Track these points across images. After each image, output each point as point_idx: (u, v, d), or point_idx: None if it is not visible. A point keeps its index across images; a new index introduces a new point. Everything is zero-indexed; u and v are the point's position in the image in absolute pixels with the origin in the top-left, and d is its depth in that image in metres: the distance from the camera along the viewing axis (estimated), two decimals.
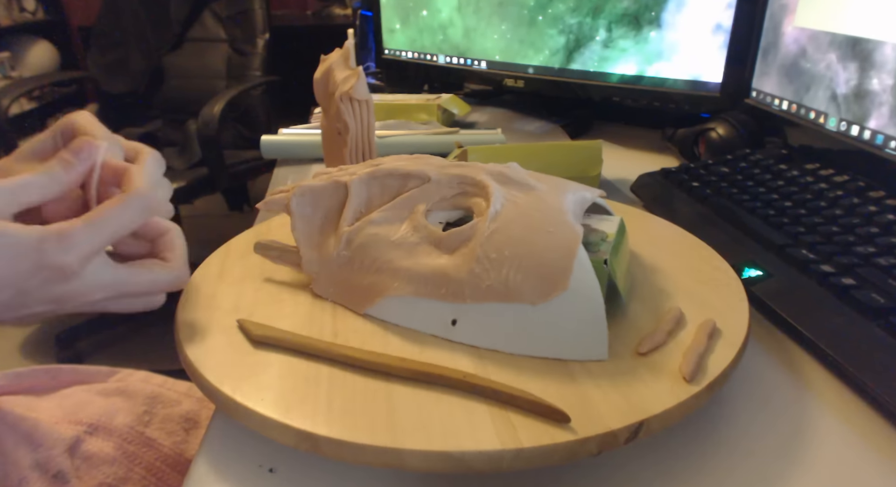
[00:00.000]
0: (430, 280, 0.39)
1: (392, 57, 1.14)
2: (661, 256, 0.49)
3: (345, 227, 0.43)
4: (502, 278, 0.37)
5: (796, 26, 0.68)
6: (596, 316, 0.37)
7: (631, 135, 0.96)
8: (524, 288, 0.37)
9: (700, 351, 0.36)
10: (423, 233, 0.41)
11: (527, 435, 0.31)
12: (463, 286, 0.38)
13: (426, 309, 0.39)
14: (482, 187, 0.42)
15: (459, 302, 0.38)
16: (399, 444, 0.31)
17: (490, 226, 0.39)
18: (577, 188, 0.44)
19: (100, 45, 2.17)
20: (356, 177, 0.44)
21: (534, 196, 0.42)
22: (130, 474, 0.51)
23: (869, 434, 0.37)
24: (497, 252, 0.38)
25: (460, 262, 0.39)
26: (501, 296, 0.37)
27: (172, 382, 0.60)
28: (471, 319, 0.38)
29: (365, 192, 0.44)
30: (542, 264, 0.37)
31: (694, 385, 0.34)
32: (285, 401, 0.34)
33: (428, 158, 0.47)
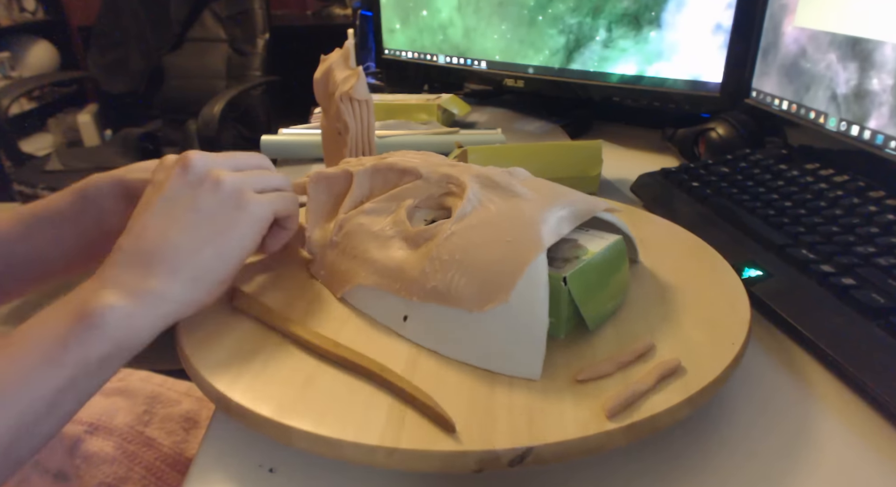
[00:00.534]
0: (390, 273, 0.40)
1: (392, 57, 1.14)
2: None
3: (341, 214, 0.45)
4: (447, 281, 0.37)
5: (796, 26, 0.68)
6: (534, 334, 0.35)
7: (631, 135, 0.96)
8: (464, 294, 0.36)
9: (638, 390, 0.33)
10: (399, 227, 0.42)
11: (409, 437, 0.31)
12: (413, 284, 0.38)
13: (385, 301, 0.40)
14: (463, 188, 0.42)
15: (408, 298, 0.39)
16: (289, 421, 0.32)
17: (451, 228, 0.39)
18: (574, 200, 0.42)
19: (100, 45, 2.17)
20: (362, 168, 0.46)
21: (511, 204, 0.40)
22: (130, 473, 0.51)
23: (869, 435, 0.37)
24: (449, 254, 0.38)
25: (416, 260, 0.39)
26: (442, 299, 0.37)
27: (172, 382, 0.60)
28: (418, 318, 0.39)
29: (367, 183, 0.46)
30: (487, 272, 0.36)
31: (613, 422, 0.32)
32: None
33: (431, 156, 0.48)
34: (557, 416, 0.32)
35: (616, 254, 0.42)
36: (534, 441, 0.31)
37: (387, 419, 0.32)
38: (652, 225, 0.55)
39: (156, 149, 1.96)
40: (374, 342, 0.39)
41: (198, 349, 0.38)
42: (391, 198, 0.45)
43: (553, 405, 0.33)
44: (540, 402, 0.33)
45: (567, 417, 0.32)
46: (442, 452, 0.30)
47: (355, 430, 0.31)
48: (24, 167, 1.86)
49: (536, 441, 0.31)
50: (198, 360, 0.37)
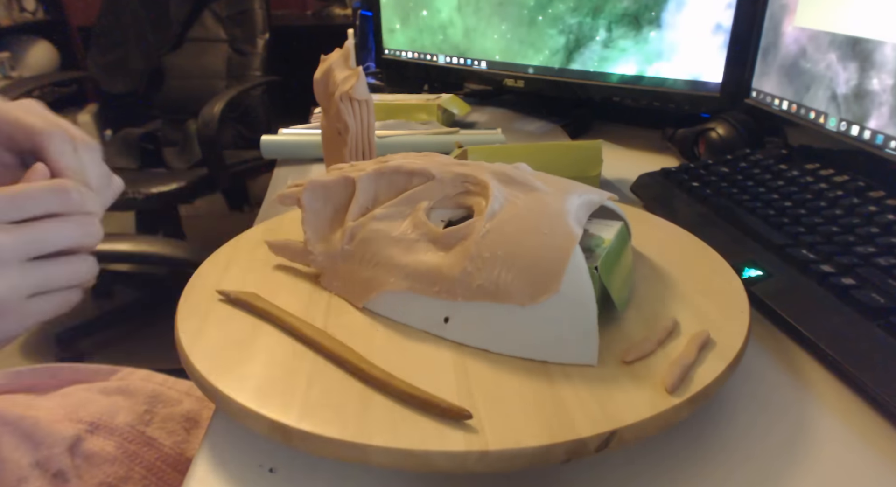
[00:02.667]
0: (425, 277, 0.39)
1: (392, 57, 1.14)
2: (662, 257, 0.49)
3: (349, 222, 0.44)
4: (493, 278, 0.37)
5: (796, 26, 0.68)
6: (587, 321, 0.36)
7: (631, 135, 0.96)
8: (514, 289, 0.37)
9: (687, 363, 0.35)
10: (422, 230, 0.42)
11: (494, 438, 0.31)
12: (455, 284, 0.38)
13: (420, 305, 0.40)
14: (483, 186, 0.42)
15: (451, 299, 0.38)
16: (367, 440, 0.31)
17: (486, 226, 0.39)
18: (584, 190, 0.44)
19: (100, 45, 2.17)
20: (364, 173, 0.45)
21: (535, 197, 0.42)
22: (131, 473, 0.51)
23: (869, 434, 0.37)
24: (490, 251, 0.38)
25: (454, 261, 0.39)
26: (491, 296, 0.37)
27: (173, 381, 0.60)
28: (462, 317, 0.38)
29: (372, 188, 0.45)
30: (534, 266, 0.37)
31: (675, 397, 0.33)
32: (265, 392, 0.34)
33: (435, 156, 0.48)
34: (625, 398, 0.34)
35: (624, 239, 0.44)
36: (614, 425, 0.32)
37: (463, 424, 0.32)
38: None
39: (156, 148, 1.96)
40: (411, 349, 0.38)
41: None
42: (404, 201, 0.44)
43: (616, 389, 0.34)
44: (602, 388, 0.34)
45: (634, 398, 0.34)
46: (532, 448, 0.30)
47: (437, 439, 0.31)
48: None
49: (617, 424, 0.32)
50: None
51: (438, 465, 0.30)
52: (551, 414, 0.32)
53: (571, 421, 0.32)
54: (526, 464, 0.31)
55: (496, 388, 0.34)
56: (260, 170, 1.95)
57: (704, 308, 0.42)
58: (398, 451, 0.30)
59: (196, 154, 1.88)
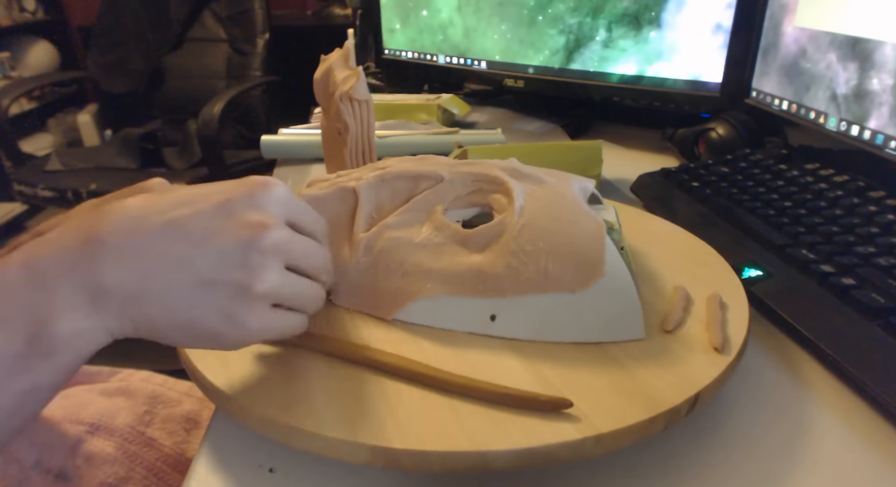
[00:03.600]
0: (466, 278, 0.39)
1: (392, 57, 1.14)
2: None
3: (360, 234, 0.42)
4: (541, 269, 0.38)
5: (796, 26, 0.68)
6: (630, 298, 0.39)
7: (631, 135, 0.96)
8: (564, 278, 0.38)
9: (721, 323, 0.39)
10: (447, 232, 0.41)
11: (602, 422, 0.32)
12: (501, 280, 0.39)
13: (463, 307, 0.39)
14: (500, 183, 0.43)
15: (499, 296, 0.39)
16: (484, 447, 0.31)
17: (519, 220, 0.40)
18: (576, 179, 0.46)
19: (100, 45, 2.17)
20: (364, 181, 0.43)
21: (548, 189, 0.43)
22: (131, 474, 0.51)
23: (869, 434, 0.37)
24: (532, 244, 0.39)
25: (495, 258, 0.39)
26: (541, 287, 0.38)
27: (173, 382, 0.60)
28: (511, 312, 0.39)
29: (374, 197, 0.43)
30: (577, 253, 0.39)
31: (726, 354, 0.37)
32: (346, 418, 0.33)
33: (435, 158, 0.47)
34: (688, 364, 0.36)
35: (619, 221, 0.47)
36: (695, 388, 0.34)
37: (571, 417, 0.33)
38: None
39: (156, 148, 1.96)
40: (466, 353, 0.38)
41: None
42: (416, 206, 0.43)
43: (676, 356, 0.37)
44: (664, 358, 0.37)
45: (695, 362, 0.36)
46: (638, 423, 0.32)
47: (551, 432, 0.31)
48: (24, 167, 1.86)
49: (697, 387, 0.34)
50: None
51: (560, 456, 0.31)
52: (637, 391, 0.34)
53: (660, 394, 0.34)
54: (634, 440, 0.32)
55: (573, 376, 0.35)
56: (260, 171, 1.94)
57: (703, 276, 0.46)
58: (520, 452, 0.31)
59: (196, 154, 1.88)
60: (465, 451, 0.30)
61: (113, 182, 1.75)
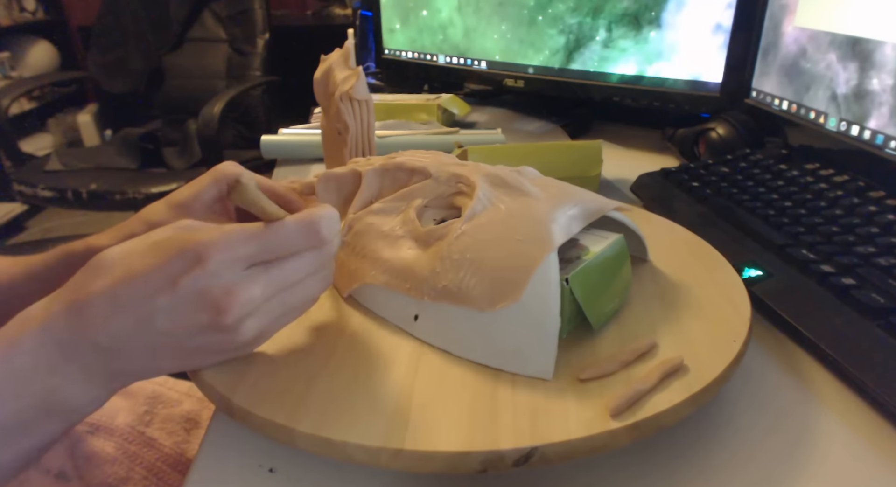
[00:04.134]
0: (400, 273, 0.40)
1: (392, 57, 1.14)
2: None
3: (350, 214, 0.45)
4: (458, 280, 0.37)
5: (796, 26, 0.68)
6: (545, 333, 0.35)
7: (631, 135, 0.96)
8: (475, 293, 0.36)
9: (641, 388, 0.33)
10: (408, 226, 0.42)
11: (413, 438, 0.31)
12: (423, 283, 0.39)
13: (395, 301, 0.40)
14: (473, 188, 0.42)
15: (419, 298, 0.39)
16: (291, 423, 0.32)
17: (461, 228, 0.39)
18: (584, 199, 0.42)
19: (100, 45, 2.17)
20: (370, 167, 0.46)
21: (522, 202, 0.40)
22: (131, 474, 0.51)
23: (869, 435, 0.37)
24: (460, 253, 0.38)
25: (427, 260, 0.39)
26: (454, 298, 0.37)
27: (173, 382, 0.60)
28: (429, 317, 0.39)
29: (377, 183, 0.46)
30: (499, 271, 0.36)
31: (617, 421, 0.32)
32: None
33: (440, 155, 0.48)
34: (561, 415, 0.32)
35: (617, 253, 0.42)
36: (538, 441, 0.31)
37: (390, 420, 0.32)
38: (652, 224, 0.55)
39: (156, 148, 1.96)
40: (380, 340, 0.39)
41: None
42: (400, 197, 0.45)
43: (556, 404, 0.33)
44: (543, 401, 0.33)
45: (571, 416, 0.32)
46: (446, 452, 0.30)
47: (358, 432, 0.31)
48: (24, 167, 1.86)
49: (541, 441, 0.31)
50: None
51: (353, 457, 0.31)
52: (479, 422, 0.32)
53: (496, 432, 0.31)
54: (440, 469, 0.31)
55: (438, 386, 0.35)
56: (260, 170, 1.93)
57: (694, 331, 0.39)
58: (319, 438, 0.31)
59: (196, 154, 1.88)
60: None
61: (113, 182, 1.75)
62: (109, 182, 1.75)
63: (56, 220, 2.61)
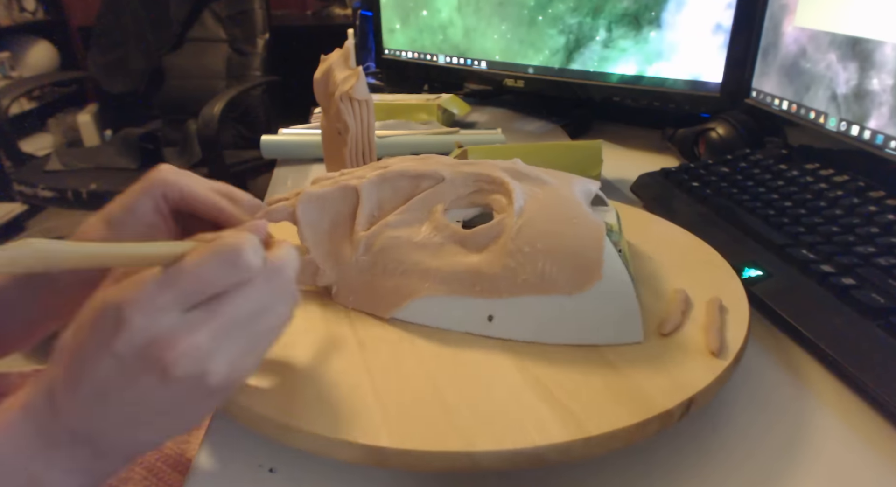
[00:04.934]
0: (464, 278, 0.39)
1: (392, 57, 1.14)
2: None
3: (360, 232, 0.42)
4: (538, 271, 0.38)
5: (796, 26, 0.68)
6: (628, 301, 0.38)
7: (631, 135, 0.96)
8: (560, 280, 0.38)
9: (719, 327, 0.39)
10: (446, 232, 0.41)
11: (593, 424, 0.32)
12: (498, 281, 0.39)
13: (460, 307, 0.40)
14: (500, 184, 0.43)
15: (495, 297, 0.39)
16: (469, 447, 0.31)
17: (517, 222, 0.39)
18: (580, 181, 0.46)
19: (100, 45, 2.17)
20: (366, 180, 0.43)
21: (549, 190, 0.43)
22: (131, 473, 0.51)
23: (869, 434, 0.37)
24: (529, 245, 0.39)
25: (493, 258, 0.39)
26: (537, 289, 0.38)
27: None
28: (507, 313, 0.39)
29: (376, 195, 0.43)
30: (575, 255, 0.38)
31: (722, 359, 0.36)
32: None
33: (436, 158, 0.47)
34: (684, 368, 0.36)
35: (619, 222, 0.47)
36: (689, 392, 0.34)
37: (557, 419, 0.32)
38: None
39: (156, 148, 1.96)
40: (461, 354, 0.38)
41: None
42: (416, 205, 0.43)
43: (672, 360, 0.37)
44: (659, 362, 0.37)
45: (691, 367, 0.36)
46: (630, 427, 0.32)
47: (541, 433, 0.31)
48: (24, 167, 1.86)
49: (691, 391, 0.34)
50: None
51: (548, 458, 0.31)
52: (631, 394, 0.34)
53: (653, 398, 0.34)
54: (624, 444, 0.32)
55: (565, 378, 0.35)
56: (260, 170, 1.95)
57: (707, 280, 0.45)
58: (508, 453, 0.31)
59: (196, 154, 1.88)
60: (455, 451, 0.30)
61: (113, 182, 1.75)
62: (109, 182, 1.75)
63: (56, 220, 2.61)
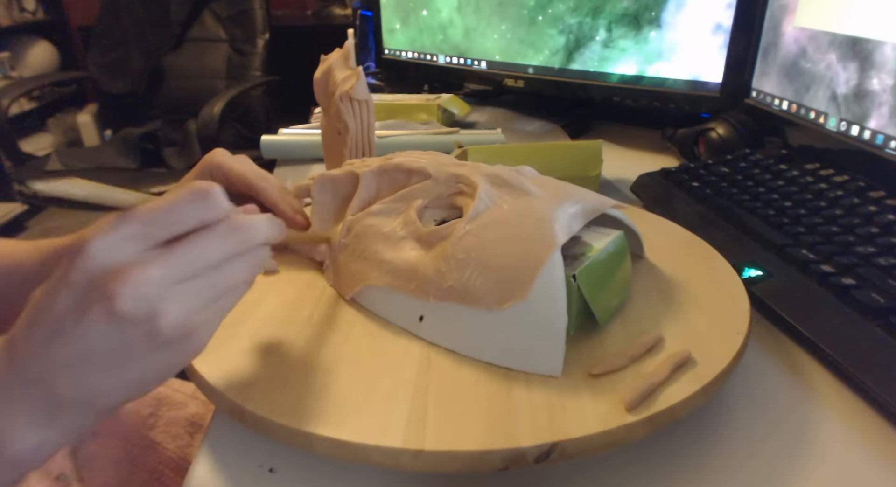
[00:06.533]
0: (404, 274, 0.40)
1: (392, 57, 1.14)
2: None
3: (348, 216, 0.45)
4: (464, 280, 0.37)
5: (796, 26, 0.68)
6: (554, 332, 0.35)
7: (631, 135, 0.96)
8: (482, 293, 0.36)
9: (654, 382, 0.34)
10: (410, 228, 0.42)
11: (433, 439, 0.31)
12: (428, 283, 0.39)
13: (399, 302, 0.40)
14: (474, 188, 0.42)
15: (424, 299, 0.39)
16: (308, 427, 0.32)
17: (465, 227, 0.39)
18: (584, 197, 0.42)
19: (100, 45, 2.17)
20: (368, 168, 0.46)
21: (523, 202, 0.40)
22: (133, 477, 0.51)
23: (869, 435, 0.37)
24: (465, 253, 0.38)
25: (431, 260, 0.39)
26: (460, 298, 0.37)
27: (179, 383, 0.60)
28: (434, 317, 0.39)
29: (374, 184, 0.46)
30: (505, 270, 0.36)
31: (633, 415, 0.32)
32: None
33: (438, 155, 0.48)
34: (578, 411, 0.33)
35: (619, 249, 0.42)
36: (558, 437, 0.31)
37: (407, 421, 0.32)
38: (652, 224, 0.55)
39: (156, 148, 1.96)
40: (386, 342, 0.39)
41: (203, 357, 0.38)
42: (400, 198, 0.44)
43: (572, 400, 0.34)
44: (559, 398, 0.34)
45: (587, 411, 0.33)
46: (468, 452, 0.30)
47: (377, 434, 0.31)
48: (24, 167, 1.86)
49: (561, 436, 0.31)
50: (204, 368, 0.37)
51: (373, 459, 0.31)
52: (497, 420, 0.32)
53: (515, 429, 0.32)
54: (461, 468, 0.31)
55: (452, 388, 0.35)
56: None
57: (697, 324, 0.40)
58: (337, 442, 0.31)
59: (196, 154, 1.88)
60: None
61: (113, 182, 1.75)
62: (109, 182, 1.75)
63: (56, 220, 2.61)
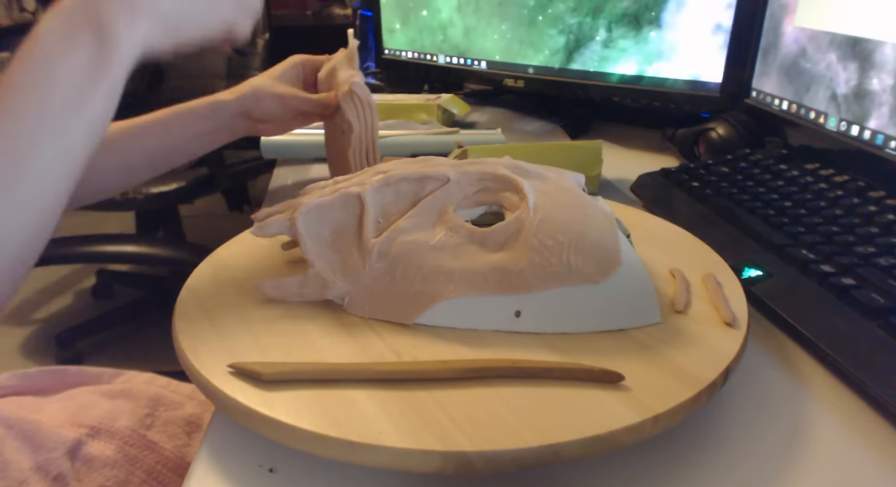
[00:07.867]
0: (489, 276, 0.40)
1: (392, 57, 1.14)
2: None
3: (372, 239, 0.41)
4: (564, 262, 0.39)
5: (796, 26, 0.68)
6: (645, 284, 0.40)
7: (631, 135, 0.96)
8: (586, 270, 0.39)
9: (724, 299, 0.42)
10: (462, 233, 0.41)
11: (657, 402, 0.33)
12: (526, 276, 0.39)
13: (487, 306, 0.40)
14: (507, 181, 0.43)
15: (523, 292, 0.39)
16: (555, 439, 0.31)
17: (535, 216, 0.40)
18: (571, 174, 0.47)
19: None
20: (368, 186, 0.43)
21: (553, 184, 0.44)
22: (131, 477, 0.51)
23: (869, 434, 0.37)
24: (552, 238, 0.40)
25: (517, 255, 0.40)
26: (565, 280, 0.39)
27: (176, 384, 0.60)
28: (535, 307, 0.39)
29: (379, 201, 0.43)
30: (596, 244, 0.40)
31: (737, 328, 0.39)
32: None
33: (436, 160, 0.47)
34: (709, 340, 0.38)
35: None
36: (724, 362, 0.36)
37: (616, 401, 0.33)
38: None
39: None
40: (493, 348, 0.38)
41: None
42: (425, 208, 0.42)
43: (695, 335, 0.39)
44: (685, 337, 0.39)
45: (714, 338, 0.39)
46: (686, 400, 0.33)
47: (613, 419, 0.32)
48: None
49: (726, 361, 0.36)
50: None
51: (622, 441, 0.32)
52: (675, 370, 0.36)
53: (696, 370, 0.36)
54: (683, 417, 0.34)
55: (610, 362, 0.36)
56: (260, 170, 1.94)
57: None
58: (586, 441, 0.31)
59: None
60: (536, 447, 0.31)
61: None
62: None
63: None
